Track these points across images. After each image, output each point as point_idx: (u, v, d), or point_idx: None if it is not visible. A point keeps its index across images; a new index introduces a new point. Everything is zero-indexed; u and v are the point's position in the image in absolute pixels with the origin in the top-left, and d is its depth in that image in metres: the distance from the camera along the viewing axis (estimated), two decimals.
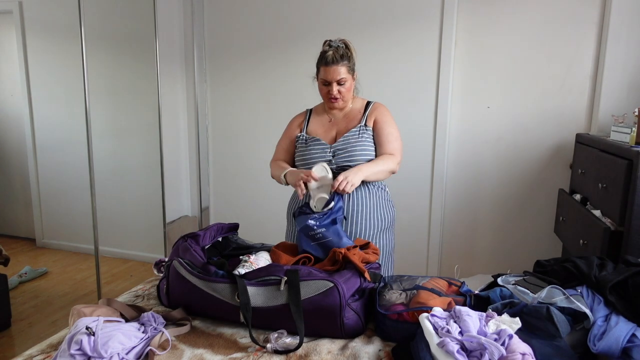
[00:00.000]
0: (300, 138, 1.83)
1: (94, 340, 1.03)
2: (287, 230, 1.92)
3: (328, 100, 1.77)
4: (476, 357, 0.95)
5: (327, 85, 1.73)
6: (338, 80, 1.70)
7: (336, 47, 1.70)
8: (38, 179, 3.96)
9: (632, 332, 1.02)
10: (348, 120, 1.82)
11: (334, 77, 1.70)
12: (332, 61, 1.68)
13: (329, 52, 1.69)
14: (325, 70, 1.70)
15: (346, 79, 1.71)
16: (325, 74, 1.70)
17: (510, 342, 0.96)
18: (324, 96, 1.78)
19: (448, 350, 0.96)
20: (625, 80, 2.50)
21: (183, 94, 3.62)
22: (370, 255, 1.39)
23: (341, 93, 1.74)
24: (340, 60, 1.68)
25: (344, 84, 1.72)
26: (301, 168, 1.77)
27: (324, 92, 1.76)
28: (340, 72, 1.69)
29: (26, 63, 3.79)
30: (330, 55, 1.68)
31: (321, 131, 1.82)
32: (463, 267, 3.04)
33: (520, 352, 0.93)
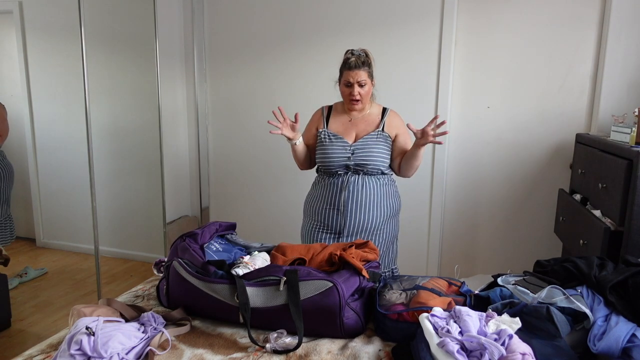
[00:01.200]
0: (322, 133, 2.00)
1: (94, 340, 1.03)
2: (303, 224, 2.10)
3: (349, 102, 1.94)
4: (476, 357, 0.94)
5: (349, 86, 1.90)
6: (359, 82, 1.88)
7: (358, 55, 1.89)
8: (38, 179, 3.96)
9: (632, 332, 1.02)
10: (366, 123, 1.98)
11: (355, 79, 1.87)
12: (355, 66, 1.87)
13: (352, 58, 1.88)
14: (348, 73, 1.89)
15: (366, 82, 1.89)
16: (348, 77, 1.89)
17: (510, 342, 0.96)
18: (345, 97, 1.95)
19: (448, 350, 0.96)
20: (625, 80, 2.50)
21: (183, 94, 3.62)
22: (368, 254, 1.39)
23: (361, 95, 1.90)
24: (362, 65, 1.88)
25: (364, 86, 1.89)
26: (323, 161, 1.97)
27: (346, 93, 1.92)
28: (361, 75, 1.87)
29: (26, 63, 3.79)
30: (354, 61, 1.87)
31: (342, 129, 1.99)
32: (463, 267, 3.04)
33: (520, 352, 0.93)
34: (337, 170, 1.94)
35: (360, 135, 1.96)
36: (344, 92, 1.94)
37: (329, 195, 1.95)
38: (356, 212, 1.91)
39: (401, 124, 2.02)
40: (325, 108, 2.09)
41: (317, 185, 2.05)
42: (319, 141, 2.01)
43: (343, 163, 1.92)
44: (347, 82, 1.90)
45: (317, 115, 2.09)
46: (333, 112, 2.06)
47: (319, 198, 2.00)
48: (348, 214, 1.91)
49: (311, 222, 2.03)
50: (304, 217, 2.12)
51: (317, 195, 2.02)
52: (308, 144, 2.07)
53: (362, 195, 1.92)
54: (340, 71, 1.96)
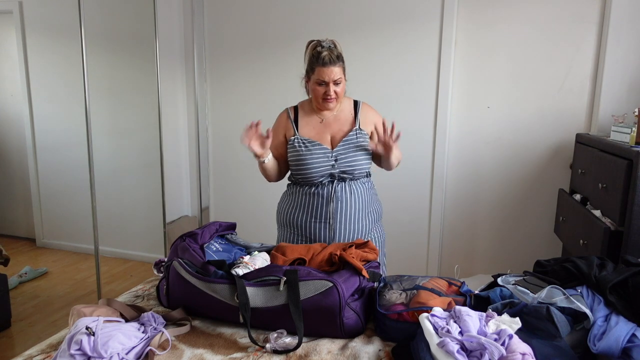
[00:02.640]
0: (295, 140, 1.79)
1: (94, 340, 1.03)
2: (279, 236, 1.94)
3: (324, 101, 1.77)
4: (476, 357, 0.94)
5: (322, 85, 1.73)
6: (335, 81, 1.72)
7: (329, 48, 1.72)
8: (38, 179, 3.96)
9: (632, 332, 1.02)
10: (340, 121, 1.82)
11: (331, 77, 1.71)
12: (330, 62, 1.70)
13: (323, 52, 1.70)
14: (321, 70, 1.71)
15: (341, 79, 1.74)
16: (322, 75, 1.71)
17: (510, 342, 0.96)
18: (318, 97, 1.77)
19: (448, 350, 0.96)
20: (625, 80, 2.50)
21: (183, 94, 3.62)
22: (369, 253, 1.39)
23: (337, 94, 1.75)
24: (337, 60, 1.72)
25: (339, 84, 1.74)
26: (301, 171, 1.78)
27: (320, 92, 1.75)
28: (336, 73, 1.71)
29: (26, 63, 3.79)
30: (327, 56, 1.69)
31: (314, 133, 1.81)
32: (463, 267, 3.04)
33: (520, 352, 0.93)
34: (320, 180, 1.76)
35: (337, 138, 1.79)
36: (317, 91, 1.75)
37: (314, 206, 1.78)
38: (345, 222, 1.77)
39: (376, 117, 1.85)
40: (290, 110, 1.88)
41: (295, 195, 1.84)
42: (291, 150, 1.79)
43: (327, 172, 1.75)
44: (321, 80, 1.72)
45: (282, 120, 1.86)
46: (300, 113, 1.85)
47: (300, 209, 1.81)
48: (337, 225, 1.76)
49: (292, 234, 1.85)
50: (280, 229, 1.93)
51: (297, 205, 1.83)
52: (277, 155, 1.84)
53: (351, 204, 1.77)
54: (310, 66, 1.76)
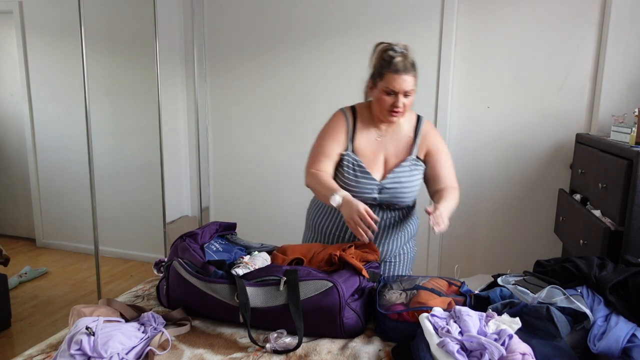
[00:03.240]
0: (347, 158, 1.59)
1: (94, 340, 1.03)
2: (305, 236, 1.82)
3: (389, 113, 1.54)
4: (476, 357, 0.95)
5: (391, 95, 1.51)
6: (406, 92, 1.51)
7: (402, 53, 1.50)
8: (38, 179, 3.96)
9: (632, 332, 1.02)
10: (397, 142, 1.62)
11: (403, 87, 1.49)
12: (404, 69, 1.48)
13: (397, 57, 1.48)
14: (393, 78, 1.48)
15: (413, 91, 1.53)
16: (394, 83, 1.48)
17: (510, 342, 0.96)
18: (384, 107, 1.54)
19: (448, 350, 0.96)
20: (625, 80, 2.50)
21: (183, 94, 3.62)
22: (369, 254, 1.39)
23: (405, 106, 1.53)
24: (411, 69, 1.50)
25: (409, 96, 1.53)
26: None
27: (387, 103, 1.52)
28: (409, 83, 1.50)
29: (26, 63, 3.79)
30: (401, 62, 1.48)
31: (369, 152, 1.61)
32: (463, 267, 3.04)
33: (520, 352, 0.93)
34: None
35: (391, 164, 1.61)
36: (383, 102, 1.52)
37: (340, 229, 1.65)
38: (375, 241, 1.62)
39: (435, 139, 1.64)
40: (348, 114, 1.64)
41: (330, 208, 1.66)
42: (341, 165, 1.61)
43: (368, 201, 1.56)
44: (391, 90, 1.49)
45: (341, 126, 1.63)
46: (359, 122, 1.63)
47: (331, 220, 1.67)
48: None
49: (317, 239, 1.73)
50: (307, 230, 1.80)
51: (328, 215, 1.68)
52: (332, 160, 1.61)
53: (385, 227, 1.63)
54: (378, 72, 1.53)
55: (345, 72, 3.08)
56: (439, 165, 1.63)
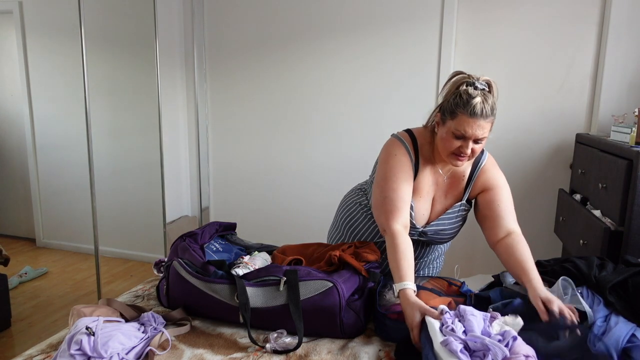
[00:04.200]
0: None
1: (94, 340, 1.03)
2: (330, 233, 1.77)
3: (452, 157, 1.32)
4: (479, 358, 0.95)
5: (459, 139, 1.28)
6: (478, 139, 1.27)
7: (483, 92, 1.26)
8: (38, 179, 3.96)
9: (632, 332, 1.02)
10: (451, 185, 1.46)
11: (476, 133, 1.26)
12: (482, 114, 1.24)
13: (476, 98, 1.24)
14: (468, 122, 1.25)
15: (485, 137, 1.29)
16: (467, 128, 1.25)
17: (514, 344, 0.96)
18: (448, 149, 1.31)
19: (451, 349, 0.96)
20: (625, 80, 2.50)
21: (183, 94, 3.62)
22: (369, 254, 1.39)
23: (473, 152, 1.30)
24: (490, 114, 1.26)
25: (481, 142, 1.29)
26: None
27: (453, 146, 1.30)
28: (484, 129, 1.26)
29: (26, 63, 3.79)
30: (480, 105, 1.24)
31: (424, 193, 1.44)
32: (463, 267, 3.04)
33: (523, 354, 0.93)
34: None
35: (437, 207, 1.46)
36: (449, 143, 1.30)
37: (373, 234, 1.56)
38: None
39: (495, 175, 1.43)
40: (410, 148, 1.41)
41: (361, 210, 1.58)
42: None
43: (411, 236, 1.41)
44: (462, 134, 1.26)
45: (408, 164, 1.39)
46: (420, 157, 1.42)
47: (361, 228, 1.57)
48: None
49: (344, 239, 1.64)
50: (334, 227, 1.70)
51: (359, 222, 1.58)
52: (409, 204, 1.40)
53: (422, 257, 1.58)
54: (451, 109, 1.28)
55: (345, 72, 3.08)
56: (497, 205, 1.40)
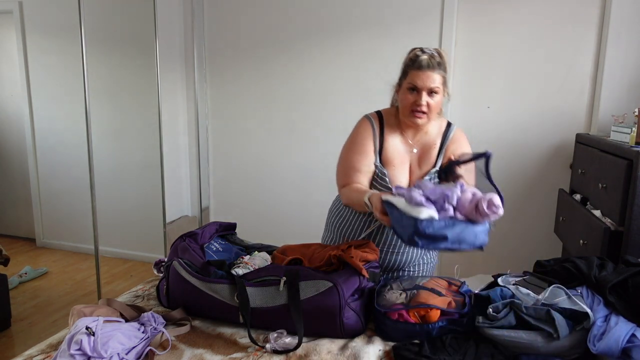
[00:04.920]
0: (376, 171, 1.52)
1: (94, 340, 1.03)
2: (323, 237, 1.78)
3: (411, 113, 1.45)
4: (440, 205, 1.10)
5: (413, 92, 1.43)
6: (430, 89, 1.41)
7: (431, 54, 1.43)
8: (38, 179, 3.96)
9: (632, 332, 1.02)
10: (423, 150, 1.54)
11: (426, 83, 1.41)
12: (428, 66, 1.41)
13: (422, 56, 1.43)
14: (416, 74, 1.42)
15: (439, 90, 1.43)
16: (416, 79, 1.42)
17: (463, 189, 1.15)
18: (407, 106, 1.46)
19: (416, 201, 1.09)
20: (625, 80, 2.50)
21: (183, 94, 3.62)
22: (369, 254, 1.38)
23: (429, 106, 1.43)
24: (437, 67, 1.42)
25: (435, 95, 1.43)
26: None
27: (409, 100, 1.44)
28: (434, 80, 1.41)
29: (26, 63, 3.79)
30: (426, 60, 1.41)
31: (397, 161, 1.52)
32: (463, 267, 3.03)
33: (470, 192, 1.13)
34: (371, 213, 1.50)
35: (414, 175, 1.54)
36: (406, 100, 1.45)
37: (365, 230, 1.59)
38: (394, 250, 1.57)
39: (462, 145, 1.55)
40: (374, 121, 1.54)
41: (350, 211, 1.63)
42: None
43: None
44: (414, 85, 1.42)
45: (368, 135, 1.53)
46: (386, 129, 1.54)
47: (351, 227, 1.62)
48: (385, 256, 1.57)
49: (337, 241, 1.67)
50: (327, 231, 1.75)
51: (349, 222, 1.63)
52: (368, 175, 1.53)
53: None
54: (403, 71, 1.48)
55: (345, 72, 3.08)
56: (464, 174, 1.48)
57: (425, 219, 1.07)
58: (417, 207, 1.08)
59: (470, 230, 1.11)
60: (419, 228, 1.06)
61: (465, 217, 1.11)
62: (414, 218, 1.07)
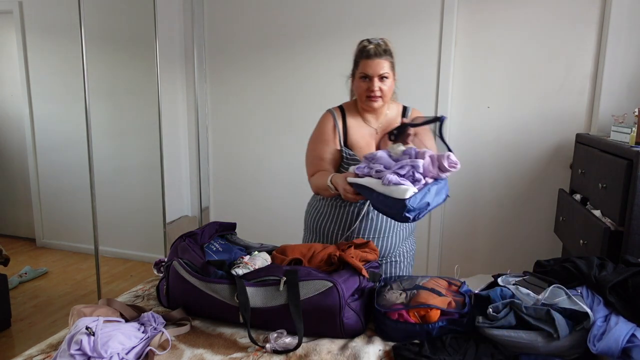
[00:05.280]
0: (344, 154, 1.64)
1: (94, 340, 1.03)
2: (304, 239, 1.83)
3: (367, 98, 1.60)
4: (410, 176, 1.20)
5: (366, 80, 1.58)
6: (380, 75, 1.56)
7: (377, 43, 1.58)
8: (38, 179, 3.96)
9: (632, 332, 1.02)
10: (387, 130, 1.65)
11: (376, 70, 1.55)
12: (375, 54, 1.55)
13: (369, 46, 1.57)
14: (366, 63, 1.56)
15: (389, 75, 1.58)
16: (366, 67, 1.56)
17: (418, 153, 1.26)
18: (362, 93, 1.61)
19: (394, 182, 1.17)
20: (625, 80, 2.50)
21: (183, 94, 3.62)
22: (368, 254, 1.38)
23: (382, 91, 1.58)
24: (384, 54, 1.56)
25: (386, 80, 1.58)
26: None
27: (363, 88, 1.59)
28: (383, 66, 1.56)
29: (26, 63, 3.79)
30: (373, 49, 1.56)
31: (363, 144, 1.65)
32: (463, 267, 3.04)
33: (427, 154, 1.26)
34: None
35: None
36: (360, 88, 1.60)
37: (345, 220, 1.66)
38: (375, 238, 1.66)
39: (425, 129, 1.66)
40: (336, 112, 1.68)
41: (326, 203, 1.71)
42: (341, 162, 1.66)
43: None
44: (365, 74, 1.57)
45: (330, 126, 1.66)
46: (348, 117, 1.67)
47: (330, 220, 1.69)
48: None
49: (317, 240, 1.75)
50: (306, 232, 1.81)
51: (327, 216, 1.70)
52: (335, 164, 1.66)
53: (382, 221, 1.66)
54: (354, 62, 1.63)
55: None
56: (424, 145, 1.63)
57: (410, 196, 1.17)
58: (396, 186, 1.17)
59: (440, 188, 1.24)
60: (407, 205, 1.17)
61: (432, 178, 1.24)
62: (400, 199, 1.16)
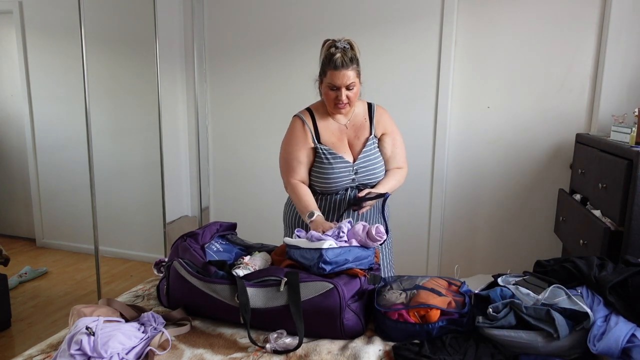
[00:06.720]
0: (318, 151, 1.70)
1: (94, 340, 1.03)
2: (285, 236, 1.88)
3: (335, 106, 1.68)
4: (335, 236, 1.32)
5: (334, 90, 1.64)
6: (347, 85, 1.62)
7: (343, 49, 1.60)
8: (38, 179, 3.96)
9: (632, 332, 1.02)
10: (356, 128, 1.75)
11: (343, 82, 1.61)
12: (342, 65, 1.58)
13: (336, 54, 1.59)
14: (333, 74, 1.60)
15: (355, 84, 1.63)
16: (334, 79, 1.61)
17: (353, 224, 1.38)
18: (330, 101, 1.68)
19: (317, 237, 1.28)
20: (625, 80, 2.50)
21: (183, 94, 3.62)
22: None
23: (349, 98, 1.65)
24: (350, 64, 1.60)
25: (352, 88, 1.64)
26: (320, 182, 1.71)
27: (331, 97, 1.66)
28: (349, 77, 1.61)
29: (26, 63, 3.79)
30: (339, 59, 1.58)
31: (335, 139, 1.73)
32: (463, 267, 3.04)
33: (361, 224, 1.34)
34: (337, 190, 1.72)
35: (356, 147, 1.73)
36: (329, 96, 1.66)
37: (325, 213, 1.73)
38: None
39: (388, 122, 1.78)
40: (305, 116, 1.75)
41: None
42: (316, 158, 1.72)
43: (347, 185, 1.71)
44: (333, 85, 1.62)
45: (300, 128, 1.73)
46: (317, 118, 1.74)
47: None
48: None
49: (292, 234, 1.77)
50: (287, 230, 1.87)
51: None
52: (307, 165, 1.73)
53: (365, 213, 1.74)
54: (322, 69, 1.66)
55: None
56: (392, 147, 1.78)
57: (327, 248, 1.24)
58: (318, 241, 1.26)
59: (365, 256, 1.31)
60: (324, 256, 1.21)
61: (359, 244, 1.33)
62: (317, 249, 1.24)
